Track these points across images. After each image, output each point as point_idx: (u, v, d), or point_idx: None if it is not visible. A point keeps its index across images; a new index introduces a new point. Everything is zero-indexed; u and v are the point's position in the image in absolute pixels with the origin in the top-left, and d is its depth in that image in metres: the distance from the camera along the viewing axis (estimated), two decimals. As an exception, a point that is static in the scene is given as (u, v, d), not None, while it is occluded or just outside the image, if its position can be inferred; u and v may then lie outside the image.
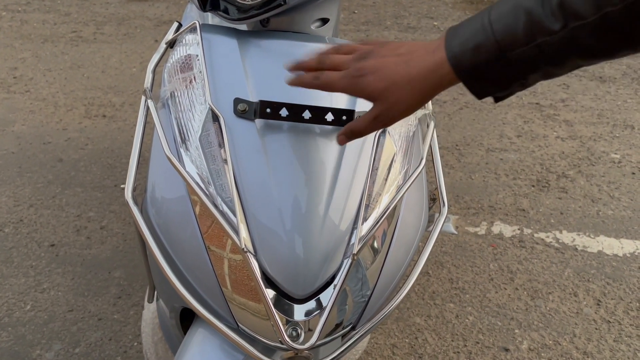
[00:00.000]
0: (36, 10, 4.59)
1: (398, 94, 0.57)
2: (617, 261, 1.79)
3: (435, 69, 0.55)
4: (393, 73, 0.57)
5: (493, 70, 0.53)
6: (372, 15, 4.50)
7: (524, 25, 0.50)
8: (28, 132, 2.59)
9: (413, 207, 0.82)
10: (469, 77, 0.55)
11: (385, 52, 0.59)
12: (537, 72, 0.53)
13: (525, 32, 0.50)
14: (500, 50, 0.52)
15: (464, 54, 0.54)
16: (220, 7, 0.83)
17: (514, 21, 0.51)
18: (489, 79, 0.54)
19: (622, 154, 2.42)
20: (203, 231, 0.73)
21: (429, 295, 1.65)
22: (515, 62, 0.52)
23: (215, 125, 0.73)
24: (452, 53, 0.54)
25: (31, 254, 1.82)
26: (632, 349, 1.47)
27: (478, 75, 0.54)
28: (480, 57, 0.53)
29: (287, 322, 0.70)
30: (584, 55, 0.51)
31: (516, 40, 0.51)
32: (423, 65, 0.56)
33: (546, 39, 0.50)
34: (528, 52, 0.51)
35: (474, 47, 0.53)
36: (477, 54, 0.53)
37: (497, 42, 0.52)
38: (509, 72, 0.53)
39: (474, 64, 0.53)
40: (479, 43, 0.53)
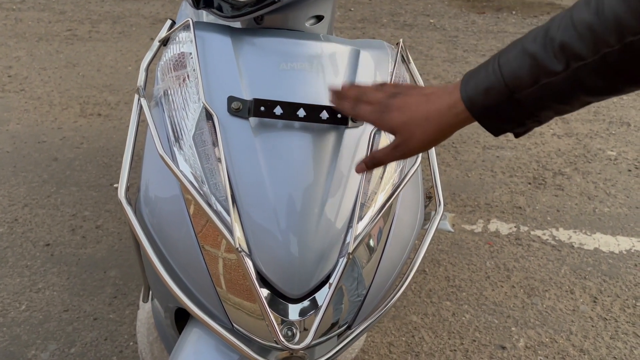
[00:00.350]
0: (31, 9, 4.57)
1: (416, 128, 0.63)
2: (613, 258, 1.79)
3: (451, 108, 0.60)
4: (414, 110, 0.63)
5: (504, 110, 0.57)
6: (368, 12, 4.49)
7: (529, 68, 0.54)
8: (23, 131, 2.58)
9: (409, 205, 0.82)
10: (483, 117, 0.59)
11: (412, 92, 0.65)
12: (547, 110, 0.56)
13: (531, 74, 0.54)
14: (510, 92, 0.55)
15: (477, 96, 0.58)
16: (213, 5, 0.82)
17: (519, 65, 0.55)
18: (502, 118, 0.58)
19: (618, 151, 2.42)
20: (197, 231, 0.72)
21: (425, 293, 1.65)
22: (524, 102, 0.55)
23: (209, 124, 0.73)
24: (466, 94, 0.59)
25: (26, 253, 1.81)
26: (629, 346, 1.47)
27: (491, 115, 0.58)
28: (491, 99, 0.57)
29: (282, 321, 0.70)
30: (590, 93, 0.53)
31: (523, 82, 0.54)
32: (440, 103, 0.61)
33: (550, 79, 0.53)
34: (535, 93, 0.54)
35: (485, 89, 0.57)
36: (488, 96, 0.57)
37: (506, 85, 0.55)
38: (520, 112, 0.57)
39: (486, 105, 0.57)
40: (490, 86, 0.57)
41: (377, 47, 0.87)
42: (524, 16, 4.38)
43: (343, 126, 0.76)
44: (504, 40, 3.82)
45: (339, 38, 0.86)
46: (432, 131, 0.62)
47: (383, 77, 0.84)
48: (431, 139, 0.63)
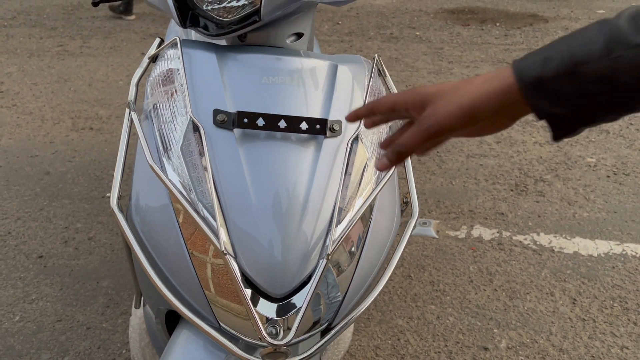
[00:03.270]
0: (22, 25, 4.61)
1: (449, 97, 0.54)
2: (592, 261, 1.85)
3: (497, 79, 0.52)
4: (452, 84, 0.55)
5: (560, 84, 0.48)
6: (355, 26, 4.58)
7: (604, 38, 0.47)
8: (15, 146, 2.61)
9: (385, 210, 0.87)
10: (532, 89, 0.49)
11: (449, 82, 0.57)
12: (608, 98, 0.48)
13: (605, 43, 0.47)
14: (573, 63, 0.48)
15: (532, 65, 0.50)
16: (199, 24, 0.88)
17: (593, 35, 0.48)
18: (555, 96, 0.49)
19: (597, 158, 2.50)
20: (186, 237, 0.76)
21: (410, 297, 1.70)
22: (588, 78, 0.47)
23: (195, 135, 0.77)
24: (518, 65, 0.51)
25: (19, 265, 1.84)
26: (606, 345, 1.52)
27: (543, 89, 0.49)
28: (549, 69, 0.49)
29: (266, 320, 0.74)
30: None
31: (592, 52, 0.47)
32: (485, 75, 0.53)
33: (626, 52, 0.46)
34: (603, 69, 0.47)
35: (544, 58, 0.49)
36: (546, 65, 0.49)
37: (572, 54, 0.48)
38: (579, 90, 0.48)
39: (540, 76, 0.49)
40: (550, 55, 0.49)
41: (354, 62, 0.92)
42: (507, 28, 4.48)
43: (322, 136, 0.81)
44: (487, 52, 3.91)
45: (318, 54, 0.91)
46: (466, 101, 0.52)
47: (360, 89, 0.89)
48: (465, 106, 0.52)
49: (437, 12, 4.97)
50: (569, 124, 0.51)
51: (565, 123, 0.51)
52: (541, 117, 0.51)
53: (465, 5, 5.17)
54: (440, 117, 0.53)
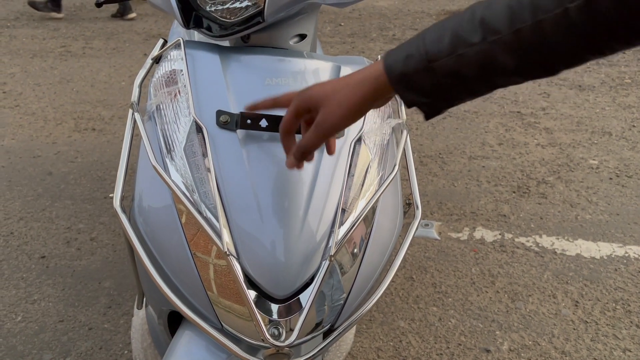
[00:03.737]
0: (25, 26, 4.62)
1: (336, 97, 0.63)
2: (594, 264, 1.84)
3: (371, 76, 0.62)
4: (334, 83, 0.64)
5: (420, 79, 0.59)
6: (357, 27, 4.58)
7: (449, 38, 0.57)
8: (17, 146, 2.62)
9: (388, 211, 0.87)
10: (399, 84, 0.60)
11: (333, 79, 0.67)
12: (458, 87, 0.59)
13: (450, 43, 0.57)
14: (427, 60, 0.58)
15: (397, 62, 0.60)
16: (203, 25, 0.88)
17: (441, 35, 0.58)
18: (417, 88, 0.59)
19: (600, 159, 2.49)
20: (188, 238, 0.76)
21: (412, 299, 1.70)
22: (440, 73, 0.58)
23: (199, 136, 0.78)
24: (387, 61, 0.61)
25: (22, 266, 1.84)
26: (609, 348, 1.52)
27: (407, 82, 0.60)
28: (410, 66, 0.59)
29: (269, 321, 0.74)
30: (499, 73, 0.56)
31: (441, 50, 0.57)
32: (362, 74, 0.63)
33: (466, 50, 0.56)
34: (450, 63, 0.57)
35: (406, 56, 0.59)
36: (407, 63, 0.59)
37: (426, 52, 0.58)
38: (434, 83, 0.59)
39: (403, 72, 0.59)
40: (410, 54, 0.59)
41: (357, 63, 0.92)
42: (509, 29, 4.47)
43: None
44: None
45: (321, 55, 0.91)
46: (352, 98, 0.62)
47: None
48: (352, 107, 0.62)
49: (439, 13, 4.97)
50: (433, 108, 0.62)
51: (430, 108, 0.62)
52: (410, 106, 0.62)
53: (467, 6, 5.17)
54: (334, 121, 0.63)
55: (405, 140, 0.91)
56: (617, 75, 3.44)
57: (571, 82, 3.36)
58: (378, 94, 0.62)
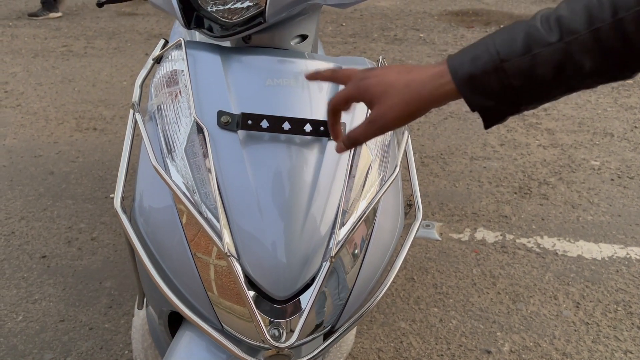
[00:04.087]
0: (27, 25, 4.63)
1: (395, 96, 0.60)
2: (595, 265, 1.84)
3: (434, 77, 0.58)
4: (394, 78, 0.61)
5: (489, 81, 0.56)
6: (359, 27, 4.58)
7: (523, 37, 0.55)
8: (19, 146, 2.62)
9: (389, 212, 0.86)
10: (465, 85, 0.57)
11: (393, 65, 0.64)
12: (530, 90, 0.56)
13: (524, 42, 0.54)
14: (499, 60, 0.55)
15: (463, 63, 0.57)
16: (204, 25, 0.88)
17: (514, 34, 0.55)
18: (485, 90, 0.56)
19: (601, 161, 2.49)
20: (189, 239, 0.76)
21: (413, 300, 1.70)
22: (511, 73, 0.55)
23: (199, 137, 0.77)
24: (452, 63, 0.58)
25: (23, 265, 1.84)
26: (610, 350, 1.52)
27: (474, 84, 0.56)
28: (478, 66, 0.56)
29: (269, 322, 0.74)
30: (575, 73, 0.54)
31: (514, 49, 0.55)
32: (423, 73, 0.59)
33: (542, 49, 0.54)
34: (524, 64, 0.54)
35: (473, 57, 0.57)
36: (475, 63, 0.56)
37: (497, 52, 0.55)
38: (505, 84, 0.55)
39: (471, 73, 0.56)
40: (479, 54, 0.56)
41: (359, 64, 0.92)
42: (511, 30, 4.47)
43: (326, 138, 0.81)
44: (491, 54, 3.90)
45: (323, 56, 0.91)
46: (412, 100, 0.59)
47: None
48: (410, 109, 0.59)
49: (441, 14, 4.97)
50: (497, 114, 0.58)
51: (494, 113, 0.58)
52: (474, 109, 0.58)
53: (470, 7, 5.17)
54: (390, 120, 0.60)
55: (406, 141, 0.90)
56: (619, 76, 3.43)
57: (573, 82, 3.35)
58: (440, 99, 0.59)
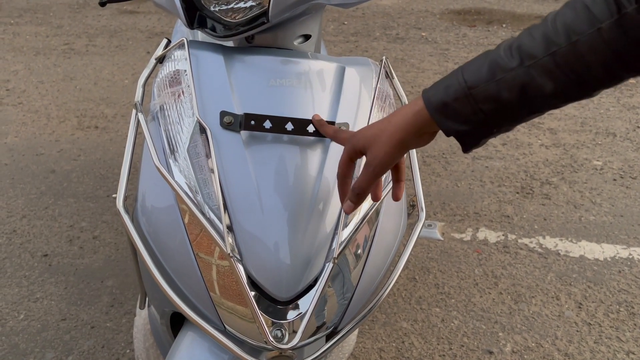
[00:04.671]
0: (28, 23, 4.62)
1: (382, 137, 0.66)
2: (598, 265, 1.84)
3: (411, 108, 0.64)
4: (380, 124, 0.67)
5: (460, 106, 0.61)
6: (361, 26, 4.57)
7: (487, 66, 0.60)
8: (21, 144, 2.62)
9: (392, 213, 0.86)
10: (438, 113, 0.62)
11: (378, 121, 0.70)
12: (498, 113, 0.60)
13: (489, 70, 0.59)
14: (467, 87, 0.60)
15: (436, 93, 0.62)
16: (207, 25, 0.87)
17: (479, 65, 0.60)
18: (457, 116, 0.61)
19: (604, 161, 2.48)
20: (191, 239, 0.76)
21: (415, 300, 1.69)
22: (479, 99, 0.60)
23: (202, 137, 0.77)
24: (426, 94, 0.63)
25: (24, 264, 1.84)
26: (612, 350, 1.51)
27: (446, 110, 0.61)
28: (450, 94, 0.61)
29: (272, 323, 0.74)
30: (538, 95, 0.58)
31: (480, 78, 0.60)
32: (404, 109, 0.66)
33: (505, 75, 0.58)
34: (490, 89, 0.59)
35: (446, 86, 0.62)
36: (447, 92, 0.61)
37: (465, 80, 0.60)
38: (474, 109, 0.60)
39: (443, 100, 0.61)
40: (449, 84, 0.61)
41: (362, 64, 0.92)
42: (514, 29, 4.46)
43: (329, 139, 0.81)
44: (494, 53, 3.89)
45: (326, 56, 0.91)
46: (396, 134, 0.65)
47: (367, 92, 0.89)
48: (396, 143, 0.65)
49: (443, 12, 4.96)
50: (472, 138, 0.63)
51: (469, 137, 0.63)
52: (449, 135, 0.63)
53: (472, 6, 5.16)
54: (381, 159, 0.66)
55: (409, 142, 0.90)
56: (622, 76, 3.42)
57: (575, 82, 3.34)
58: (419, 128, 0.64)
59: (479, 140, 0.63)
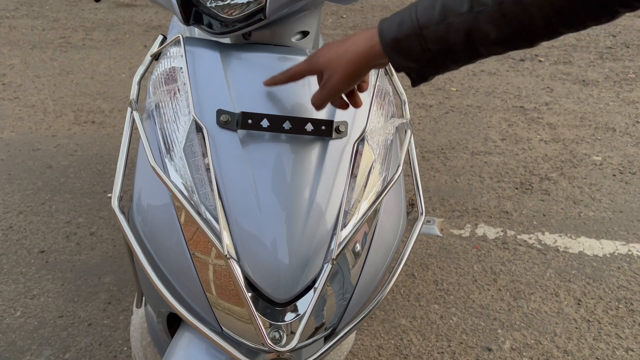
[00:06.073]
0: (24, 16, 4.59)
1: (337, 62, 0.71)
2: (597, 262, 1.83)
3: (367, 39, 0.68)
4: (335, 47, 0.72)
5: (411, 45, 0.64)
6: (359, 20, 4.55)
7: (440, 8, 0.63)
8: (17, 139, 2.60)
9: (391, 212, 0.85)
10: (391, 48, 0.66)
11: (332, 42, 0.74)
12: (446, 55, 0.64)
13: (440, 13, 0.63)
14: (419, 27, 0.64)
15: (390, 29, 0.66)
16: (203, 21, 0.86)
17: (432, 4, 0.63)
18: (407, 53, 0.65)
19: (603, 156, 2.47)
20: (187, 238, 0.75)
21: (414, 297, 1.69)
22: (429, 39, 0.64)
23: (198, 136, 0.76)
24: (381, 28, 0.67)
25: (21, 260, 1.83)
26: (611, 347, 1.51)
27: (398, 47, 0.65)
28: (402, 32, 0.65)
29: (270, 325, 0.73)
30: (482, 41, 0.62)
31: (432, 19, 0.63)
32: (358, 39, 0.70)
33: (454, 19, 0.62)
34: (440, 31, 0.63)
35: (398, 23, 0.65)
36: (400, 29, 0.65)
37: (418, 20, 0.64)
38: (424, 49, 0.64)
39: (396, 37, 0.65)
40: (403, 20, 0.65)
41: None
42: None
43: (327, 137, 0.80)
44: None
45: None
46: (350, 61, 0.69)
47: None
48: (350, 69, 0.70)
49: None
50: (421, 74, 0.69)
51: (417, 74, 0.69)
52: (398, 70, 0.68)
53: (471, -1, 5.13)
54: (335, 81, 0.72)
55: (409, 140, 0.89)
56: (622, 70, 3.41)
57: (575, 76, 3.33)
58: (372, 59, 0.68)
59: (426, 77, 0.69)
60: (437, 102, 3.00)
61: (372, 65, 0.69)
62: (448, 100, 3.02)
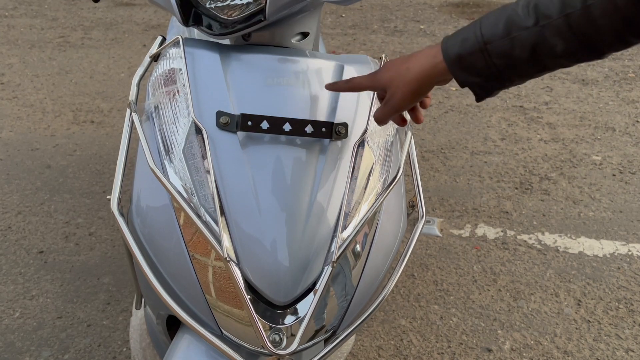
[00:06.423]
0: (23, 15, 4.58)
1: (400, 80, 0.71)
2: (597, 262, 1.83)
3: (430, 57, 0.68)
4: (398, 65, 0.72)
5: (475, 60, 0.65)
6: (359, 19, 4.54)
7: (504, 22, 0.63)
8: (16, 139, 2.59)
9: (392, 214, 0.85)
10: (455, 65, 0.66)
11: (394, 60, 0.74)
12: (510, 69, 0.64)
13: (505, 26, 0.63)
14: (483, 42, 0.64)
15: (454, 45, 0.66)
16: (203, 22, 0.85)
17: (497, 19, 0.64)
18: (471, 68, 0.65)
19: (603, 155, 2.47)
20: (187, 240, 0.75)
21: (414, 297, 1.69)
22: (493, 54, 0.63)
23: (198, 138, 0.76)
24: (444, 46, 0.67)
25: (20, 261, 1.82)
26: (611, 348, 1.51)
27: (462, 63, 0.65)
28: (466, 48, 0.65)
29: (269, 328, 0.73)
30: (548, 54, 0.62)
31: (496, 34, 0.63)
32: (421, 57, 0.70)
33: (520, 33, 0.62)
34: (505, 45, 0.63)
35: (462, 39, 0.65)
36: (463, 44, 0.65)
37: (482, 35, 0.64)
38: (488, 64, 0.64)
39: (459, 54, 0.65)
40: (467, 37, 0.65)
41: (361, 62, 0.90)
42: (512, 22, 4.43)
43: (327, 139, 0.79)
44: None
45: (324, 54, 0.89)
46: (413, 80, 0.69)
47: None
48: (413, 87, 0.69)
49: (442, 5, 4.92)
50: (485, 89, 0.68)
51: (482, 88, 0.68)
52: (463, 86, 0.68)
53: (470, -2, 5.12)
54: (398, 99, 0.71)
55: (409, 142, 0.88)
56: (621, 70, 3.40)
57: (574, 76, 3.33)
58: (435, 76, 0.68)
59: (491, 92, 0.68)
60: (436, 102, 3.00)
61: (435, 82, 0.70)
62: (447, 100, 3.02)
